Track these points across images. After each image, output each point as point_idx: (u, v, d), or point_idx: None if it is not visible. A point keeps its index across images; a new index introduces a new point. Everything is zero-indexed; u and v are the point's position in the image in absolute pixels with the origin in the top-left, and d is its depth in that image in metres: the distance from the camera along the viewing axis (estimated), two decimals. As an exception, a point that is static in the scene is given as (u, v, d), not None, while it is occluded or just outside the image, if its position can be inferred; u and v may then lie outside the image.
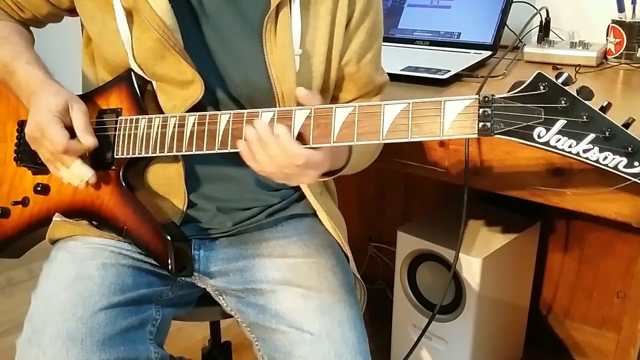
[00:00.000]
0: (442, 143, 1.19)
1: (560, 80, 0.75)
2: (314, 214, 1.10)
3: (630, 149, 0.72)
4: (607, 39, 1.49)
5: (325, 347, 0.93)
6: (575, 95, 0.74)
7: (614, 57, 1.47)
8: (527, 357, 1.82)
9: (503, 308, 1.64)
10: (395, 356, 1.71)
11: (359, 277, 1.09)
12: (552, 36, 1.57)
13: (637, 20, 1.45)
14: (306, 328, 0.95)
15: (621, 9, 1.45)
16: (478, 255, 1.47)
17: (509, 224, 1.62)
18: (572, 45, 1.48)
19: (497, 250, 1.51)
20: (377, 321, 1.77)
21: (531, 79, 0.76)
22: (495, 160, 1.14)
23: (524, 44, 1.54)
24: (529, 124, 0.76)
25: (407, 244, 1.58)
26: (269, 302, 1.00)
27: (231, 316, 1.09)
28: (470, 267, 1.47)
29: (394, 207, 2.08)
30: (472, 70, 1.38)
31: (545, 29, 1.55)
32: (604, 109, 0.74)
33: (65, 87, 0.99)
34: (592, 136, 0.74)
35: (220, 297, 1.08)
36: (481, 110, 0.77)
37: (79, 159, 0.95)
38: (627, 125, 0.74)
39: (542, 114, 0.75)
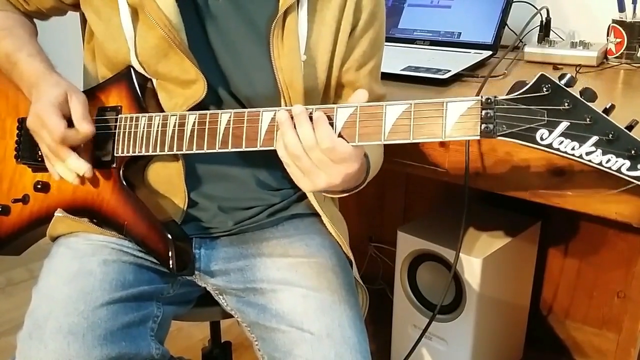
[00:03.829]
0: (442, 143, 1.19)
1: (563, 82, 0.75)
2: (316, 214, 1.10)
3: (633, 151, 0.72)
4: (607, 39, 1.49)
5: (326, 346, 0.93)
6: (579, 97, 0.74)
7: (614, 57, 1.48)
8: (527, 357, 1.82)
9: (503, 308, 1.64)
10: (396, 356, 1.71)
11: (360, 282, 1.08)
12: (552, 36, 1.57)
13: (637, 20, 1.45)
14: (306, 328, 0.95)
15: (622, 8, 1.45)
16: (478, 255, 1.47)
17: (510, 224, 1.62)
18: (573, 45, 1.48)
19: (498, 250, 1.51)
20: (377, 321, 1.77)
21: (534, 80, 0.75)
22: (495, 160, 1.14)
23: (525, 44, 1.54)
24: (532, 126, 0.75)
25: (407, 244, 1.58)
26: (270, 301, 1.00)
27: (231, 316, 1.08)
28: (471, 267, 1.47)
29: (394, 207, 2.08)
30: (472, 70, 1.38)
31: (545, 28, 1.55)
32: (607, 111, 0.74)
33: (65, 79, 1.00)
34: (595, 138, 0.73)
35: (221, 297, 1.08)
36: (483, 112, 0.76)
37: (75, 153, 0.95)
38: (630, 127, 0.74)
39: (545, 116, 0.74)
